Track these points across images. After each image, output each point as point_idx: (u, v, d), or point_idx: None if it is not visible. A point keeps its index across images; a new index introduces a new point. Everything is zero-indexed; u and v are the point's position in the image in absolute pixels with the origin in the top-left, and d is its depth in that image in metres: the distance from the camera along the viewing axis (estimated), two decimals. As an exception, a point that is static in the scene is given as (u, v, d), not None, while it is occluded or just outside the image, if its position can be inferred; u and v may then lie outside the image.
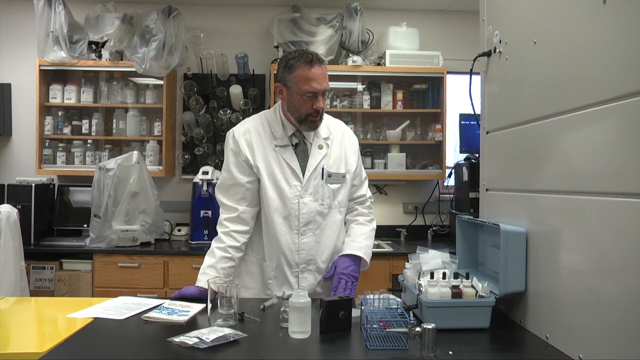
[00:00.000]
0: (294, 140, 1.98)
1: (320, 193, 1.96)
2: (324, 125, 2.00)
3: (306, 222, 1.95)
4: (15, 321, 1.74)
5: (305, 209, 1.94)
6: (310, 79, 1.85)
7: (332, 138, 2.03)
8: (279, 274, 1.98)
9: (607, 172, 1.22)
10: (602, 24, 1.24)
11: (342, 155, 2.03)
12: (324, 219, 1.98)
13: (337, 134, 2.06)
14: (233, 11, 4.01)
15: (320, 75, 1.87)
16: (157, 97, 3.77)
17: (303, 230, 1.95)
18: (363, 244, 2.02)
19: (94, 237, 3.34)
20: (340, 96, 3.86)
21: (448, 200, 3.91)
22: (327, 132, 2.02)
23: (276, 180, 1.93)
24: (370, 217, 2.13)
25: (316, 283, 2.00)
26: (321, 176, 1.96)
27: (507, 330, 1.61)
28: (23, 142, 3.90)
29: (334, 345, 1.46)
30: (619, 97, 1.17)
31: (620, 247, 1.16)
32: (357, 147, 2.12)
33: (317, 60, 1.88)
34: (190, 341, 1.38)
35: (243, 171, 1.95)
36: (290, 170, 1.94)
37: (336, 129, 2.07)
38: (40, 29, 3.57)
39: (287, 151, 1.96)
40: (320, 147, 1.99)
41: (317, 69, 1.86)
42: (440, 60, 3.76)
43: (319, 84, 1.86)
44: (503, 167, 1.82)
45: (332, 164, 2.00)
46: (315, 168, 1.96)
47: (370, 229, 2.10)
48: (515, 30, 1.72)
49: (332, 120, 2.10)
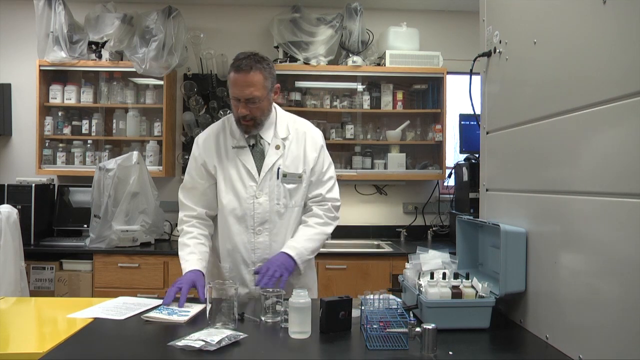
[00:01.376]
0: (251, 141, 2.00)
1: (275, 193, 1.97)
2: (283, 125, 2.03)
3: (261, 221, 1.97)
4: (15, 321, 1.75)
5: (260, 209, 1.96)
6: (232, 85, 1.89)
7: (292, 138, 2.02)
8: (235, 274, 2.01)
9: (607, 172, 1.22)
10: (602, 24, 1.24)
11: (300, 155, 2.01)
12: (280, 219, 1.99)
13: (299, 133, 2.04)
14: (233, 11, 4.01)
15: (241, 82, 1.86)
16: (157, 97, 3.77)
17: (258, 229, 1.97)
18: (299, 244, 1.94)
19: (94, 237, 3.34)
20: (340, 96, 3.86)
21: (448, 200, 3.91)
22: (285, 133, 2.02)
23: (232, 181, 1.98)
24: (324, 219, 2.02)
25: None
26: (276, 176, 1.97)
27: (507, 331, 1.61)
28: (23, 142, 3.90)
29: (334, 345, 1.46)
30: (619, 97, 1.17)
31: (620, 247, 1.16)
32: (321, 146, 2.06)
33: (245, 66, 1.86)
34: (196, 344, 1.37)
35: (201, 175, 2.01)
36: (246, 171, 1.97)
37: (298, 129, 2.05)
38: (40, 29, 3.57)
39: (244, 152, 1.99)
40: (277, 148, 1.99)
41: (240, 76, 1.86)
42: (440, 61, 3.76)
43: (239, 91, 1.87)
44: (503, 167, 1.82)
45: (290, 164, 1.99)
46: (271, 168, 1.97)
47: (316, 232, 1.99)
48: (515, 30, 1.72)
49: (295, 120, 2.09)
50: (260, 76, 1.88)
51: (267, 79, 1.91)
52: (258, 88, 1.88)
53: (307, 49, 3.71)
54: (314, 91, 3.88)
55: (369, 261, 3.34)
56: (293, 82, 3.85)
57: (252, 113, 1.91)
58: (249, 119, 1.92)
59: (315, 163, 2.03)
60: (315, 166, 2.03)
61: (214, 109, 3.82)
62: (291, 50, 3.70)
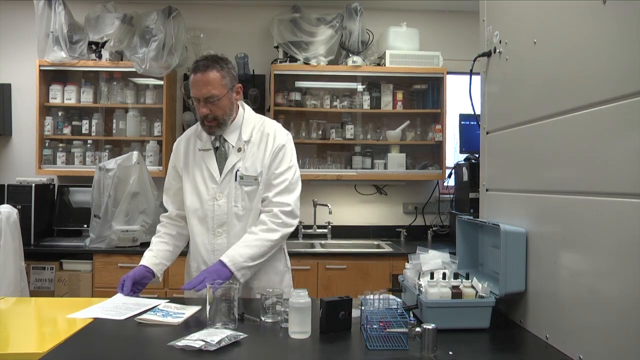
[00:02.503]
0: (216, 143, 2.03)
1: (233, 195, 1.98)
2: (249, 128, 2.02)
3: (220, 223, 1.99)
4: (15, 321, 1.75)
5: (219, 211, 1.99)
6: (192, 86, 1.92)
7: (254, 140, 2.01)
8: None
9: (608, 172, 1.22)
10: (602, 24, 1.24)
11: (259, 157, 2.00)
12: (239, 221, 1.98)
13: (263, 135, 2.02)
14: (233, 11, 4.01)
15: (199, 82, 1.89)
16: (157, 97, 3.77)
17: (218, 231, 2.00)
18: (234, 251, 1.90)
19: (94, 237, 3.34)
20: (340, 96, 3.86)
21: (448, 200, 3.91)
22: (248, 136, 2.02)
23: (196, 183, 2.02)
24: (267, 226, 1.94)
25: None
26: (235, 178, 1.98)
27: (507, 331, 1.61)
28: (23, 142, 3.90)
29: (334, 345, 1.46)
30: (619, 97, 1.17)
31: (620, 247, 1.16)
32: (281, 146, 2.00)
33: (202, 66, 1.89)
34: (196, 344, 1.37)
35: (173, 176, 2.12)
36: (208, 173, 2.01)
37: (263, 131, 2.03)
38: (40, 29, 3.57)
39: (208, 154, 2.02)
40: (239, 150, 2.00)
41: (198, 76, 1.89)
42: (440, 61, 3.76)
43: (197, 91, 1.90)
44: (503, 167, 1.82)
45: (249, 166, 1.99)
46: (231, 170, 1.99)
47: (256, 238, 1.92)
48: (515, 30, 1.72)
49: (263, 123, 2.06)
50: (217, 75, 1.90)
51: (224, 78, 1.92)
52: (215, 86, 1.89)
53: (307, 49, 3.71)
54: (314, 91, 3.88)
55: (369, 261, 3.34)
56: (293, 82, 3.85)
57: (213, 112, 1.92)
58: (210, 118, 1.93)
59: (269, 163, 1.99)
60: (269, 167, 1.99)
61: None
62: (291, 50, 3.70)
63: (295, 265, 3.26)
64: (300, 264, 3.27)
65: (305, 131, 3.84)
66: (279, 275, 2.10)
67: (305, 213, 3.90)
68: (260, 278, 2.02)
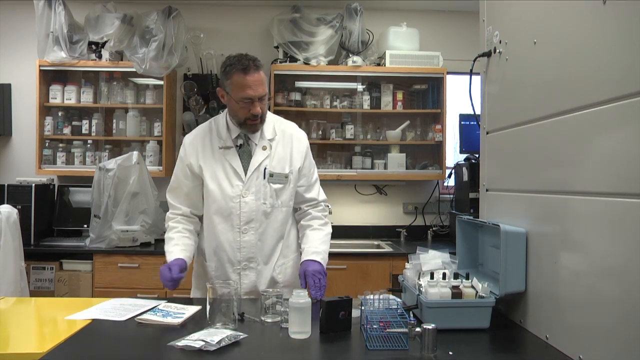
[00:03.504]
0: (239, 141, 2.04)
1: (262, 192, 2.00)
2: (270, 126, 2.06)
3: (247, 220, 1.99)
4: (15, 321, 1.75)
5: (247, 208, 1.99)
6: (245, 86, 1.90)
7: (278, 139, 2.06)
8: (220, 273, 2.03)
9: (608, 172, 1.22)
10: (602, 24, 1.24)
11: (287, 157, 2.05)
12: (267, 218, 2.01)
13: (285, 135, 2.08)
14: (233, 11, 4.01)
15: (255, 82, 1.91)
16: (157, 97, 3.77)
17: (244, 228, 1.99)
18: (319, 249, 2.02)
19: (94, 237, 3.34)
20: (340, 96, 3.86)
21: (448, 200, 3.91)
22: (272, 134, 2.06)
23: (218, 180, 2.01)
24: (324, 220, 2.12)
25: (257, 279, 2.02)
26: (263, 176, 2.00)
27: (507, 331, 1.61)
28: (23, 142, 3.90)
29: (334, 345, 1.46)
30: (619, 97, 1.17)
31: (620, 247, 1.16)
32: (306, 148, 2.12)
33: (253, 66, 1.91)
34: (196, 344, 1.37)
35: (186, 175, 2.06)
36: (232, 170, 2.00)
37: (284, 131, 2.09)
38: (40, 29, 3.57)
39: (230, 152, 2.02)
40: (264, 148, 2.03)
41: (252, 76, 1.90)
42: (440, 61, 3.76)
43: (254, 91, 1.91)
44: (503, 167, 1.82)
45: (276, 164, 2.02)
46: (257, 168, 2.00)
47: (325, 234, 2.09)
48: (515, 30, 1.72)
49: (282, 122, 2.14)
50: (263, 74, 1.96)
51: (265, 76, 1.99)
52: (265, 86, 1.95)
53: (307, 49, 3.71)
54: (314, 91, 3.88)
55: (369, 261, 3.34)
56: (293, 82, 3.85)
57: (262, 111, 1.96)
58: (259, 117, 1.97)
59: (302, 165, 2.08)
60: (303, 169, 2.08)
61: (214, 109, 3.82)
62: (291, 50, 3.70)
63: (295, 265, 3.27)
64: (300, 264, 3.27)
65: (306, 131, 3.74)
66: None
67: (305, 213, 3.91)
68: (286, 272, 2.07)
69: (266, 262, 2.03)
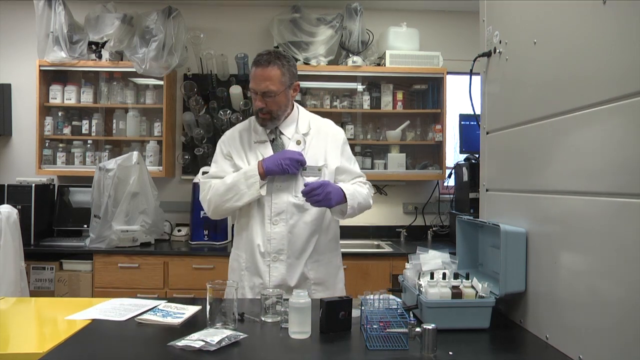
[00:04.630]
0: (272, 136, 2.08)
1: (294, 185, 2.01)
2: (305, 122, 2.10)
3: (278, 212, 2.00)
4: (15, 321, 1.74)
5: (278, 200, 2.00)
6: (251, 78, 1.99)
7: (312, 134, 2.09)
8: (251, 265, 2.05)
9: (607, 173, 1.22)
10: (602, 24, 1.24)
11: (321, 151, 2.07)
12: (299, 211, 2.01)
13: (320, 130, 2.11)
14: (233, 11, 4.01)
15: (259, 76, 1.95)
16: (157, 97, 3.77)
17: (275, 219, 2.00)
18: (352, 188, 2.02)
19: (94, 237, 3.34)
20: (340, 96, 3.86)
21: (448, 200, 3.91)
22: (306, 129, 2.09)
23: None
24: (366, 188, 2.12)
25: (286, 273, 2.01)
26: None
27: (507, 331, 1.61)
28: (23, 142, 3.90)
29: (334, 345, 1.46)
30: (619, 97, 1.17)
31: (620, 247, 1.16)
32: (342, 143, 2.13)
33: (264, 61, 1.95)
34: (196, 344, 1.37)
35: (227, 164, 2.09)
36: None
37: (320, 127, 2.13)
38: (40, 30, 3.57)
39: (264, 146, 2.06)
40: (298, 143, 2.06)
41: (258, 70, 1.96)
42: (440, 61, 3.76)
43: (255, 84, 1.97)
44: (503, 167, 1.82)
45: (310, 158, 2.03)
46: None
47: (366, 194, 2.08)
48: (515, 30, 1.72)
49: (318, 119, 2.17)
50: (277, 71, 1.96)
51: (284, 75, 1.98)
52: (274, 82, 1.95)
53: (307, 49, 3.71)
54: (314, 91, 3.88)
55: (369, 261, 3.34)
56: (293, 82, 3.85)
57: (268, 106, 1.98)
58: (265, 112, 1.99)
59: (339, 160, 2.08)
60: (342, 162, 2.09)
61: (214, 109, 3.82)
62: (291, 51, 3.70)
63: (295, 265, 3.27)
64: (300, 264, 3.27)
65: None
66: (336, 269, 2.16)
67: (305, 213, 3.91)
68: (319, 270, 2.06)
69: (297, 256, 2.02)
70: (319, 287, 2.06)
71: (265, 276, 2.01)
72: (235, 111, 3.77)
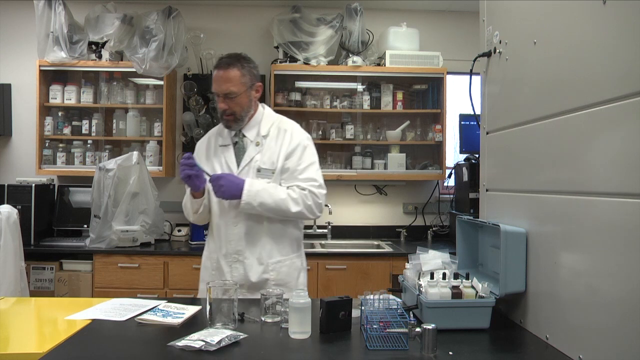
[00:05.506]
0: (235, 139, 2.12)
1: None
2: (267, 124, 2.12)
3: (237, 213, 2.04)
4: (15, 321, 1.75)
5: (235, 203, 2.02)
6: (213, 81, 2.03)
7: (272, 136, 2.11)
8: (215, 263, 2.12)
9: (607, 173, 1.22)
10: (602, 24, 1.24)
11: (276, 151, 2.08)
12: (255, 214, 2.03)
13: (280, 131, 2.11)
14: (233, 11, 4.02)
15: (219, 78, 2.00)
16: (157, 97, 3.77)
17: (234, 221, 2.06)
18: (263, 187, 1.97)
19: (94, 237, 3.34)
20: (340, 96, 3.86)
21: (448, 200, 3.91)
22: (266, 131, 2.11)
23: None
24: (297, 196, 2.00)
25: (245, 273, 2.05)
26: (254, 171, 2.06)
27: (507, 331, 1.61)
28: (23, 142, 3.90)
29: (334, 345, 1.46)
30: (619, 97, 1.17)
31: (620, 247, 1.16)
32: (296, 146, 2.08)
33: (224, 63, 2.00)
34: (196, 344, 1.37)
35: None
36: (227, 166, 2.10)
37: (280, 128, 2.12)
38: (40, 30, 3.57)
39: (227, 149, 2.12)
40: (257, 144, 2.09)
41: (219, 72, 2.00)
42: (440, 61, 3.76)
43: (217, 86, 2.01)
44: (503, 167, 1.82)
45: (267, 159, 2.07)
46: (249, 163, 2.07)
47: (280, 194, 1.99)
48: (515, 30, 1.72)
49: (282, 121, 2.17)
50: (237, 73, 2.00)
51: (244, 76, 2.02)
52: (235, 84, 2.00)
53: (307, 49, 3.71)
54: (314, 91, 3.89)
55: (369, 261, 3.34)
56: (293, 82, 3.85)
57: (231, 108, 2.03)
58: (228, 113, 2.04)
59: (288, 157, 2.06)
60: (289, 160, 2.06)
61: (213, 109, 3.81)
62: (291, 51, 3.70)
63: (295, 265, 3.27)
64: (300, 264, 3.27)
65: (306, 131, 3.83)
66: (297, 272, 2.16)
67: (305, 213, 3.91)
68: (280, 271, 2.08)
69: (256, 256, 2.06)
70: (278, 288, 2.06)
71: (227, 276, 2.07)
72: (235, 111, 3.77)
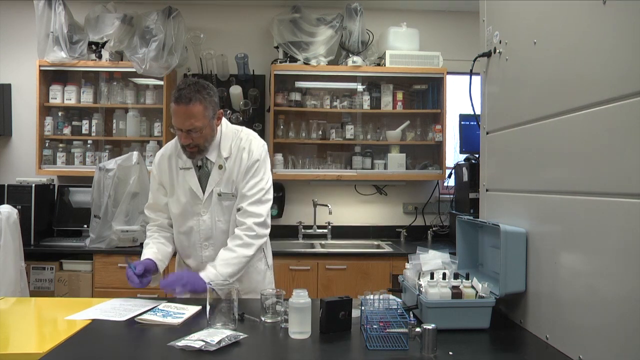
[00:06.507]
0: (198, 162, 2.04)
1: (216, 210, 2.04)
2: (227, 144, 2.04)
3: (206, 237, 2.06)
4: (15, 321, 1.75)
5: (204, 226, 2.05)
6: (173, 115, 1.90)
7: (233, 156, 2.03)
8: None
9: (607, 172, 1.22)
10: (602, 24, 1.24)
11: (235, 172, 2.03)
12: (223, 234, 2.04)
13: (239, 151, 2.04)
14: (233, 11, 4.01)
15: (182, 114, 1.87)
16: (157, 97, 3.77)
17: (204, 244, 2.06)
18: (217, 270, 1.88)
19: (94, 237, 3.34)
20: (340, 97, 3.86)
21: (448, 200, 3.91)
22: (228, 152, 2.04)
23: (179, 200, 2.06)
24: (244, 240, 1.95)
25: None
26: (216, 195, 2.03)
27: (507, 331, 1.61)
28: (23, 142, 3.90)
29: (334, 345, 1.46)
30: (618, 97, 1.17)
31: (620, 247, 1.16)
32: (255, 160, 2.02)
33: (185, 97, 1.85)
34: (196, 344, 1.37)
35: (162, 192, 2.11)
36: (191, 192, 2.04)
37: (239, 146, 2.04)
38: (40, 30, 3.57)
39: (189, 173, 2.04)
40: (220, 167, 2.03)
41: (180, 107, 1.86)
42: (440, 61, 3.76)
43: (179, 123, 1.89)
44: (503, 167, 1.82)
45: (227, 182, 2.03)
46: (214, 188, 2.03)
47: (235, 256, 1.93)
48: (515, 30, 1.72)
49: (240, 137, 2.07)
50: (200, 107, 1.88)
51: (207, 109, 1.91)
52: (198, 119, 1.88)
53: (307, 49, 3.71)
54: (314, 91, 3.88)
55: (369, 261, 3.34)
56: (293, 82, 3.85)
57: (195, 141, 1.93)
58: (192, 146, 1.95)
59: (244, 176, 2.02)
60: (244, 179, 2.02)
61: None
62: (291, 51, 3.70)
63: (295, 265, 3.27)
64: (300, 264, 3.27)
65: (305, 131, 3.84)
66: (261, 275, 2.15)
67: (305, 213, 3.91)
68: (242, 279, 2.03)
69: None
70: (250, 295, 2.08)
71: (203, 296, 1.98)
72: (235, 111, 3.77)
